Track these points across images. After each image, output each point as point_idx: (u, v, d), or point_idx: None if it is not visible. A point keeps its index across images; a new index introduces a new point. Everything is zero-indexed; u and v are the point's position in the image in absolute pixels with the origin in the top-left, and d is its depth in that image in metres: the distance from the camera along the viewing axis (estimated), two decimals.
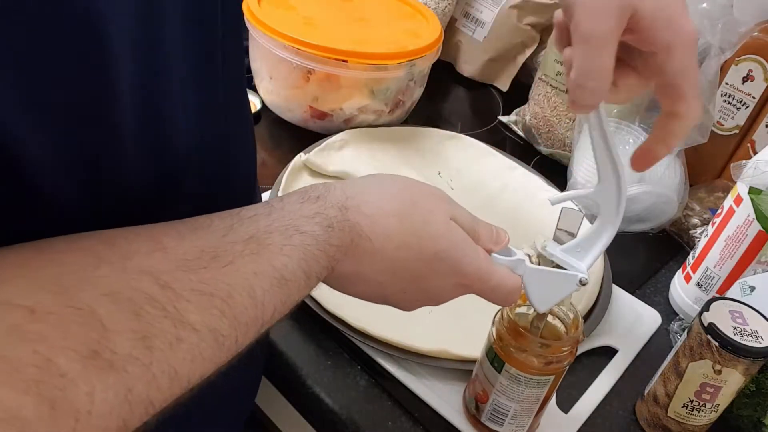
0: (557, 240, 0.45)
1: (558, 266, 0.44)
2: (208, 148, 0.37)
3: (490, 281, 0.41)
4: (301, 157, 0.72)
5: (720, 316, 0.50)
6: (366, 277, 0.38)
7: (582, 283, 0.43)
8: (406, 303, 0.42)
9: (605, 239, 0.44)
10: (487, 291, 0.42)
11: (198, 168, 0.36)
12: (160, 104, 0.31)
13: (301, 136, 0.79)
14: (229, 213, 0.33)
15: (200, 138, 0.35)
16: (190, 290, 0.28)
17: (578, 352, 0.48)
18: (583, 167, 0.76)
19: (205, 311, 0.28)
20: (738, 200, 0.62)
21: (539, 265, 0.44)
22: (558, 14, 0.42)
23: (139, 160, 0.31)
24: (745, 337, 0.49)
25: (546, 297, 0.44)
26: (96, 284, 0.25)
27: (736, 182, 0.63)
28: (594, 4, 0.37)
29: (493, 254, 0.42)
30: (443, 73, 1.02)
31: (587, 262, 0.44)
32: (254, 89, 0.85)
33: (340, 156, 0.75)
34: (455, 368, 0.55)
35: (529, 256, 0.44)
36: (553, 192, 0.76)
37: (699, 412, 0.53)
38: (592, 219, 0.74)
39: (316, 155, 0.73)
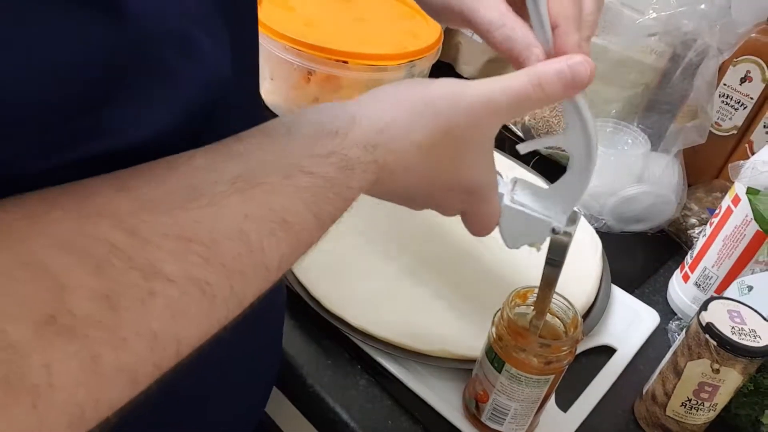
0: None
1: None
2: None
3: (490, 205, 0.41)
4: None
5: (718, 316, 0.51)
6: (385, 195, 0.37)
7: (555, 231, 0.42)
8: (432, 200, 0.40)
9: (579, 188, 0.42)
10: (480, 214, 0.41)
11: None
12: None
13: None
14: (216, 146, 0.29)
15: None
16: (161, 235, 0.24)
17: (577, 352, 0.49)
18: None
19: (183, 259, 0.24)
20: (736, 200, 0.62)
21: (518, 202, 0.43)
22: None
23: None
24: (743, 337, 0.49)
25: (517, 236, 0.43)
26: (48, 233, 0.22)
27: (734, 182, 0.63)
28: None
29: None
30: (443, 74, 1.02)
31: (562, 212, 0.43)
32: None
33: None
34: (455, 368, 0.55)
35: (515, 189, 0.43)
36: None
37: (697, 411, 0.53)
38: (590, 219, 0.74)
39: None
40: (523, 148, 0.43)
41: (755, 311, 0.52)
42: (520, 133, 0.92)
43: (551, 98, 0.37)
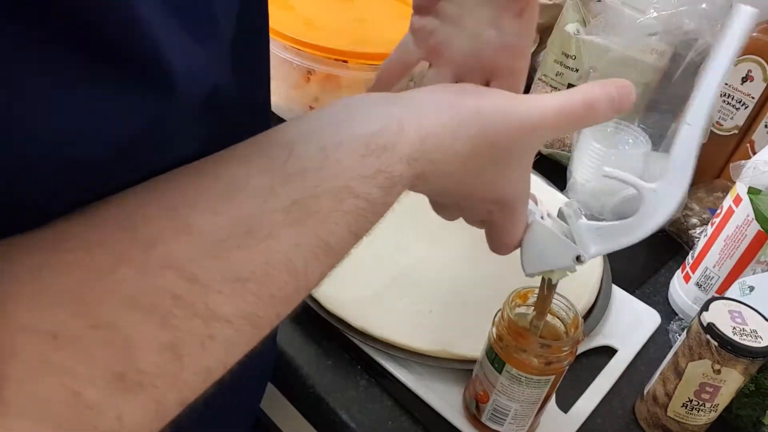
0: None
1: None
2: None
3: (517, 219, 0.40)
4: None
5: (719, 316, 0.50)
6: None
7: (578, 260, 0.41)
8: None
9: (629, 238, 0.41)
10: (506, 227, 0.40)
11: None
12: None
13: None
14: (270, 164, 0.28)
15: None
16: (221, 280, 0.25)
17: (578, 352, 0.49)
18: (583, 168, 0.76)
19: (239, 299, 0.26)
20: (737, 200, 0.62)
21: (550, 225, 0.42)
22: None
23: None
24: (744, 337, 0.49)
25: (538, 258, 0.42)
26: (117, 292, 0.23)
27: (735, 182, 0.63)
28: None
29: None
30: None
31: (598, 248, 0.42)
32: None
33: None
34: (455, 368, 0.55)
35: (545, 215, 0.42)
36: (553, 192, 0.77)
37: (698, 411, 0.53)
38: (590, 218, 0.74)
39: None
40: (609, 172, 0.42)
41: (756, 312, 0.51)
42: None
43: (597, 121, 0.37)
